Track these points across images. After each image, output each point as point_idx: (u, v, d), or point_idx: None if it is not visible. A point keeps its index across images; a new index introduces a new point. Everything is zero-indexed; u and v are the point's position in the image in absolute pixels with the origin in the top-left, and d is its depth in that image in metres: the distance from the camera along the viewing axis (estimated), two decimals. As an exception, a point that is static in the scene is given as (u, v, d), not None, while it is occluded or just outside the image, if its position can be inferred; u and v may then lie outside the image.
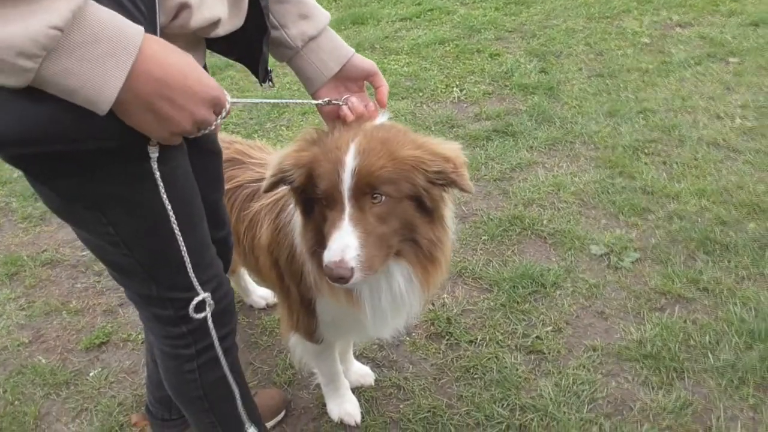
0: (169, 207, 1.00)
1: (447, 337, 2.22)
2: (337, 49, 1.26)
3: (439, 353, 2.17)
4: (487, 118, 3.64)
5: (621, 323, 2.21)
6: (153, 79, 0.82)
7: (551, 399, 1.94)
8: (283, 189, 1.42)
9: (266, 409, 1.89)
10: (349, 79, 1.28)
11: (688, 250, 2.52)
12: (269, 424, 1.89)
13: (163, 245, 1.06)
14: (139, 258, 1.09)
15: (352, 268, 1.15)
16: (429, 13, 5.32)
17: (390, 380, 2.07)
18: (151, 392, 1.72)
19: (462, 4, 5.43)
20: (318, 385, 1.99)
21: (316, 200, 1.26)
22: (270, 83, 1.24)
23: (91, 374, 2.20)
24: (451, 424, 1.89)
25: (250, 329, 2.35)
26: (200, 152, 1.19)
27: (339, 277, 1.15)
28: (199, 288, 1.11)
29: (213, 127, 0.94)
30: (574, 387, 1.97)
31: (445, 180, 1.22)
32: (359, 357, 2.15)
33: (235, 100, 1.00)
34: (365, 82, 1.31)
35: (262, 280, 1.82)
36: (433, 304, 2.37)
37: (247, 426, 1.37)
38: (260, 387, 2.07)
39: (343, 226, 1.16)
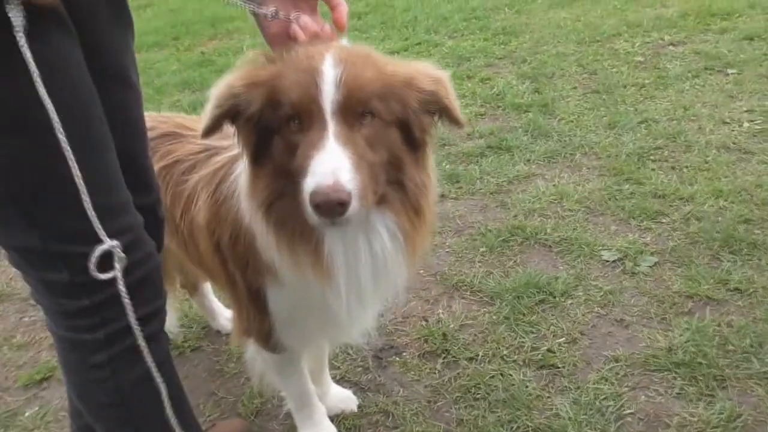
0: (48, 104, 0.71)
1: (443, 355, 1.91)
2: None
3: (435, 373, 1.85)
4: (480, 136, 3.43)
5: (645, 330, 1.90)
6: None
7: (570, 418, 1.61)
8: (224, 140, 1.17)
9: (226, 441, 1.56)
10: None
11: (711, 250, 2.24)
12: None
13: (46, 167, 0.78)
14: (10, 188, 0.80)
15: (350, 192, 0.89)
16: (417, 46, 5.23)
17: (376, 405, 1.75)
18: (73, 420, 1.37)
19: (450, 37, 5.35)
20: (289, 414, 1.66)
21: (277, 129, 1.00)
22: None
23: (26, 414, 1.87)
24: (450, 451, 1.56)
25: (215, 356, 2.03)
26: (105, 77, 0.92)
27: (337, 204, 0.89)
28: (102, 233, 0.82)
29: None
30: (597, 403, 1.65)
31: (438, 106, 1.02)
32: (340, 381, 1.84)
33: None
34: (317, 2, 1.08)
35: (209, 275, 1.53)
36: (426, 320, 2.07)
37: None
38: (222, 419, 1.75)
39: (329, 146, 0.92)
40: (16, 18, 0.67)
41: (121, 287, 0.85)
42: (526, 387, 1.74)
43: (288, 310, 1.28)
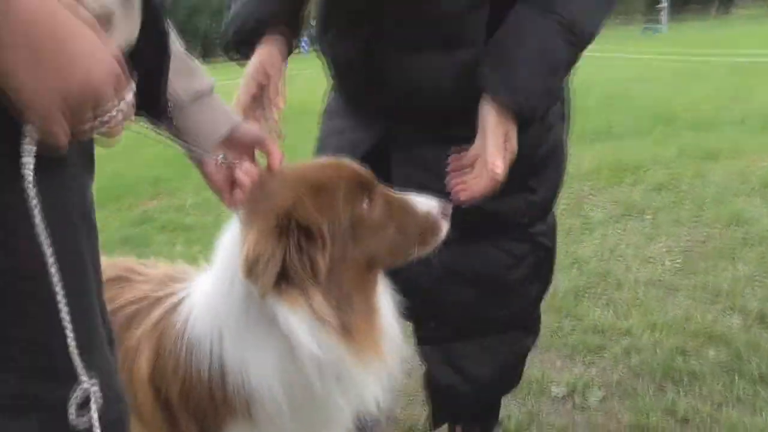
0: (47, 249, 0.67)
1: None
2: (225, 112, 1.11)
3: None
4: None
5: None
6: (36, 9, 0.58)
7: None
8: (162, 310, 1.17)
9: None
10: (238, 145, 1.11)
11: (655, 382, 2.28)
12: None
13: (33, 306, 0.72)
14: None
15: None
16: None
17: None
18: None
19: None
20: None
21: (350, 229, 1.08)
22: (169, 122, 1.05)
23: None
24: None
25: None
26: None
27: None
28: (83, 376, 0.75)
29: (114, 114, 0.68)
30: None
31: None
32: None
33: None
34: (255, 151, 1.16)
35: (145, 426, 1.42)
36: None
37: None
38: None
39: (406, 194, 1.17)
40: (28, 153, 0.64)
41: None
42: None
43: None
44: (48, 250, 0.68)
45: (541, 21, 1.27)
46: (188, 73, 1.07)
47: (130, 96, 0.71)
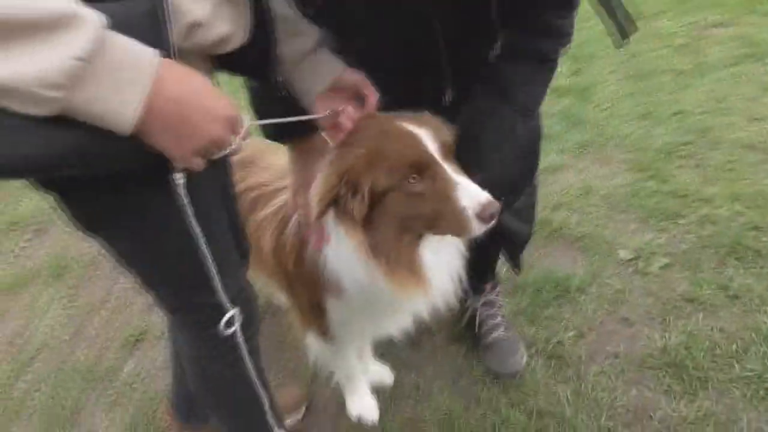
0: (198, 231, 1.05)
1: (468, 341, 2.24)
2: (330, 62, 1.29)
3: (460, 356, 2.19)
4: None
5: (645, 330, 2.19)
6: (170, 99, 0.87)
7: (569, 405, 1.93)
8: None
9: (286, 406, 1.95)
10: (339, 90, 1.31)
11: (719, 256, 2.47)
12: (288, 422, 1.95)
13: (191, 266, 1.11)
14: (165, 277, 1.15)
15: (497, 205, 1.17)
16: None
17: (409, 380, 2.10)
18: (175, 390, 1.79)
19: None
20: (338, 384, 2.03)
21: (396, 188, 1.24)
22: (284, 92, 1.28)
23: (125, 370, 2.31)
24: (467, 427, 1.91)
25: (276, 326, 2.41)
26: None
27: (494, 214, 1.16)
28: (228, 306, 1.17)
29: (233, 147, 0.98)
30: (594, 394, 1.96)
31: None
32: (381, 357, 2.19)
33: (254, 122, 1.05)
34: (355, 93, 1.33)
35: (268, 279, 1.86)
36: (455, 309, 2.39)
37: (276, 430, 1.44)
38: (284, 384, 2.13)
39: (460, 179, 1.19)
40: (179, 179, 0.99)
41: (239, 336, 1.21)
42: (536, 374, 2.06)
43: (345, 316, 1.61)
44: (197, 229, 1.06)
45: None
46: (294, 34, 1.25)
47: (245, 129, 0.99)
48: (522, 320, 2.29)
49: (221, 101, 0.94)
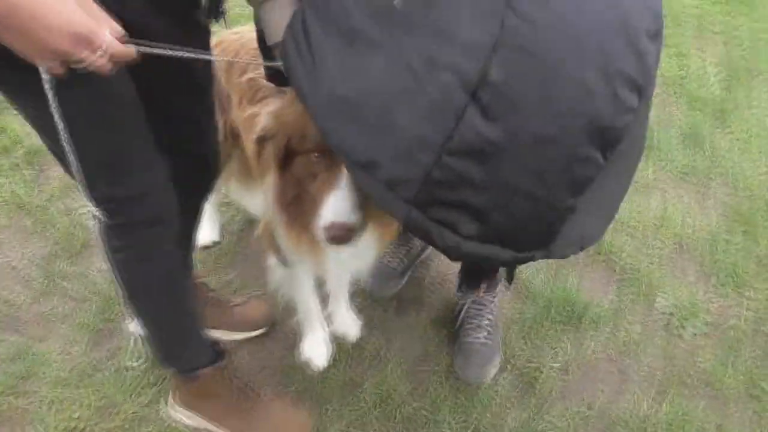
0: (61, 125, 1.05)
1: (450, 327, 2.13)
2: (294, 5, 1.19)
3: (435, 341, 2.09)
4: (629, 119, 3.23)
5: (637, 393, 1.96)
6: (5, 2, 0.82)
7: (512, 434, 1.81)
8: None
9: (247, 320, 1.99)
10: None
11: (766, 348, 2.12)
12: (243, 336, 1.99)
13: (65, 157, 1.13)
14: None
15: (355, 228, 1.18)
16: None
17: (373, 344, 2.05)
18: None
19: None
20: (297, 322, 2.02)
21: (301, 154, 1.26)
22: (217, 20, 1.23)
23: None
24: (399, 411, 1.85)
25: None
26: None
27: (340, 239, 1.17)
28: (91, 205, 1.20)
29: (86, 63, 0.91)
30: (543, 434, 1.82)
31: None
32: (359, 311, 2.14)
33: (145, 48, 0.97)
34: None
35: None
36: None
37: None
38: (258, 298, 2.15)
39: (342, 186, 1.17)
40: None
41: (101, 237, 1.29)
42: (497, 389, 1.93)
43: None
44: (60, 125, 1.06)
45: None
46: None
47: (105, 46, 0.91)
48: (515, 330, 2.13)
49: (66, 15, 0.86)
